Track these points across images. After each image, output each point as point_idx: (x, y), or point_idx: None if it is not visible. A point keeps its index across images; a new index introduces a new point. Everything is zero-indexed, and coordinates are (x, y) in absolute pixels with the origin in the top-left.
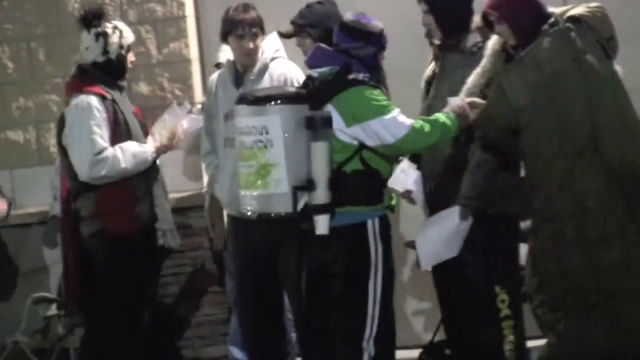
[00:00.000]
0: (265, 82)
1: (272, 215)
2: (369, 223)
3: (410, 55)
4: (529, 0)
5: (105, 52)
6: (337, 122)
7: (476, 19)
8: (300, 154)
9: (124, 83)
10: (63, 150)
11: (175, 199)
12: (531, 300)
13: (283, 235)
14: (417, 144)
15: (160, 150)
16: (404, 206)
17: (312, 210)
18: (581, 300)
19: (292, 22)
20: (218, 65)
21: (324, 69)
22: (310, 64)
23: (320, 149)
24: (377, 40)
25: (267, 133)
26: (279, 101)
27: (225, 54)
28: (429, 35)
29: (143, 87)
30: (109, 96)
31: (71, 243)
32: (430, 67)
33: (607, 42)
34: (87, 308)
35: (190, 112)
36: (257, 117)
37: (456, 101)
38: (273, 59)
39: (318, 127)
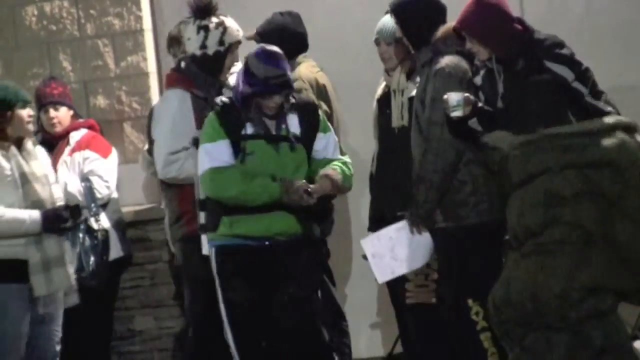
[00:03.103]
0: None
1: None
2: (212, 252)
3: (367, 69)
4: (499, 15)
5: (204, 46)
6: None
7: (440, 30)
8: None
9: (221, 82)
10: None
11: (134, 212)
12: (498, 312)
13: None
14: (214, 188)
15: None
16: (364, 219)
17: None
18: (548, 323)
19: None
20: None
21: None
22: None
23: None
24: (257, 83)
25: None
26: None
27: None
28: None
29: (101, 101)
30: (199, 94)
31: None
32: (382, 86)
33: None
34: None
35: None
36: None
37: (456, 96)
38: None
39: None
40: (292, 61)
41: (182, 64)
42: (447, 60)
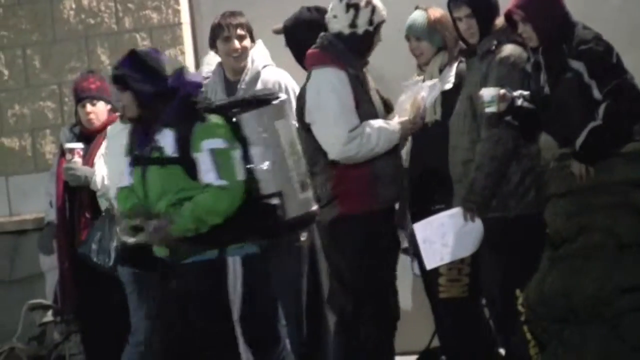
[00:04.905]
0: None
1: None
2: None
3: (401, 63)
4: (556, 4)
5: (354, 25)
6: None
7: (497, 21)
8: None
9: (366, 60)
10: (305, 127)
11: None
12: (533, 310)
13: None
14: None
15: (406, 127)
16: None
17: None
18: (582, 319)
19: None
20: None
21: None
22: None
23: None
24: None
25: None
26: None
27: (209, 67)
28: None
29: None
30: (351, 71)
31: (66, 249)
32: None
33: None
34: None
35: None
36: None
37: (491, 91)
38: (265, 66)
39: None
40: None
41: (325, 43)
42: (511, 50)
